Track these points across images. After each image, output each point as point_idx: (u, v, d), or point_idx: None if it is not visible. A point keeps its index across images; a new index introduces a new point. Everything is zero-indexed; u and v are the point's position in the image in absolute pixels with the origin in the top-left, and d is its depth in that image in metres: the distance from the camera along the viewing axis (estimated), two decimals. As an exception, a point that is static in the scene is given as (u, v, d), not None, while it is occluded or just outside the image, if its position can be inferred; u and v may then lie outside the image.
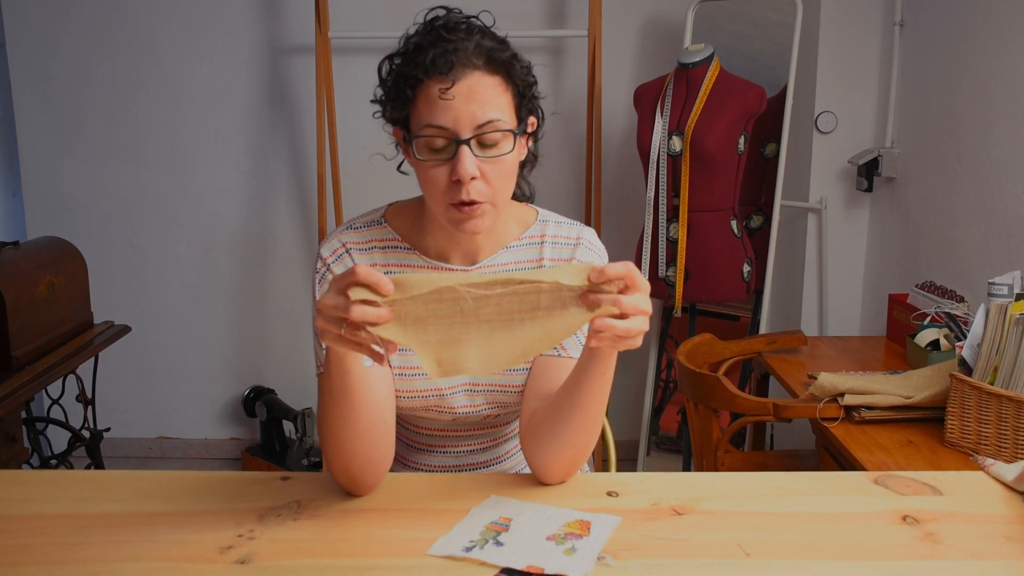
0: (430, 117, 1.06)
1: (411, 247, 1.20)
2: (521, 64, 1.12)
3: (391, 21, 3.03)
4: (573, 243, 1.23)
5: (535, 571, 0.93)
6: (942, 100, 2.47)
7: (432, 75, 1.05)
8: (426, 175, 1.09)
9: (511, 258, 1.22)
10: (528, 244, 1.22)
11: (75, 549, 0.98)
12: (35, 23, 3.13)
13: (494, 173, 1.08)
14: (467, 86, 1.05)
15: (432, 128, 1.06)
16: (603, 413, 1.13)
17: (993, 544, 1.00)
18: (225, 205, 3.26)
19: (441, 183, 1.07)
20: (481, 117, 1.05)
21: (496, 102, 1.07)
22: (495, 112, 1.06)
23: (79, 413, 2.59)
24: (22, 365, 2.13)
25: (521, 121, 1.12)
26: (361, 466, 1.08)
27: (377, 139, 1.49)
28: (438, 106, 1.05)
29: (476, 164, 1.06)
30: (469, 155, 1.05)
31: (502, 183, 1.09)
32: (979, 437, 1.60)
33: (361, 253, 1.19)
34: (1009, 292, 1.81)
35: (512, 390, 1.23)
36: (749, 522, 1.05)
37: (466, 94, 1.05)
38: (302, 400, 3.26)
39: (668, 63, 2.90)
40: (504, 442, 1.33)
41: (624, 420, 3.26)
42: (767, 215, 2.79)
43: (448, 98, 1.04)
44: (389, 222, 1.22)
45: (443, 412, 1.24)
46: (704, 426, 2.00)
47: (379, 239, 1.20)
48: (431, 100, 1.06)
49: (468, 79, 1.05)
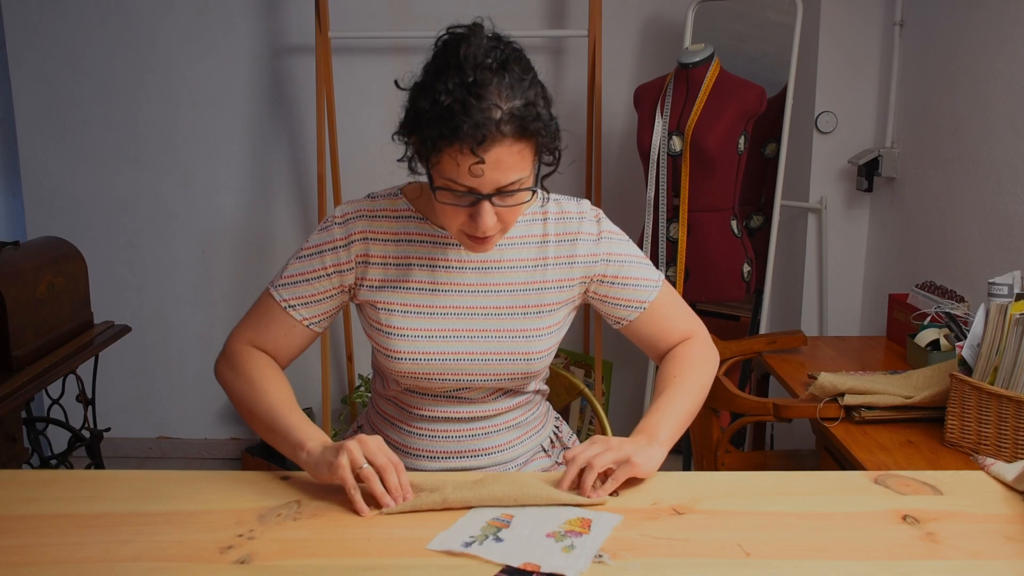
0: (455, 176, 1.10)
1: (423, 217, 1.28)
2: (547, 125, 1.14)
3: (391, 21, 3.03)
4: (576, 217, 1.30)
5: (531, 568, 0.93)
6: (942, 100, 2.47)
7: (463, 146, 1.07)
8: (443, 209, 1.15)
9: (516, 232, 1.29)
10: (531, 220, 1.30)
11: (75, 549, 0.98)
12: (35, 23, 3.13)
13: (508, 213, 1.16)
14: (495, 156, 1.08)
15: (456, 184, 1.11)
16: (698, 398, 1.32)
17: (993, 544, 1.00)
18: (225, 205, 3.26)
19: (459, 218, 1.15)
20: (504, 181, 1.11)
21: (519, 165, 1.11)
22: (517, 174, 1.11)
23: (79, 413, 2.59)
24: (22, 365, 2.13)
25: (538, 168, 1.18)
26: None
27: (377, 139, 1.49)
28: (465, 173, 1.09)
29: (494, 212, 1.13)
30: (489, 210, 1.12)
31: (514, 217, 1.18)
32: (979, 437, 1.60)
33: (376, 219, 1.27)
34: (1009, 292, 1.81)
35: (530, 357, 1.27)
36: (749, 522, 1.05)
37: (493, 163, 1.08)
38: (302, 400, 3.22)
39: (668, 63, 2.90)
40: (506, 429, 1.34)
41: (624, 420, 3.26)
42: (767, 215, 2.79)
43: (480, 170, 1.08)
44: (406, 194, 1.30)
45: (447, 379, 1.27)
46: (704, 426, 2.00)
47: (392, 209, 1.28)
48: (459, 166, 1.09)
49: (497, 149, 1.08)
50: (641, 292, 1.32)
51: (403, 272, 1.27)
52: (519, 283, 1.28)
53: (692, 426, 2.08)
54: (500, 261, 1.28)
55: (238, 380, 1.26)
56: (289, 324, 1.28)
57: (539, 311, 1.28)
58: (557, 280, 1.29)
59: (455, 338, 1.25)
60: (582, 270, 1.30)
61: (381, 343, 1.27)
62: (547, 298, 1.28)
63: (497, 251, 1.27)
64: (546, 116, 1.14)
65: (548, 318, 1.29)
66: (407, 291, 1.26)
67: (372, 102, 3.11)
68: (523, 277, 1.28)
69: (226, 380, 1.28)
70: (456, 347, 1.25)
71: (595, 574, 0.93)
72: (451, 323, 1.26)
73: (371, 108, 3.12)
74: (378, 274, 1.27)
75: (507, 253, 1.28)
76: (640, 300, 1.32)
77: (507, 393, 1.32)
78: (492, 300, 1.27)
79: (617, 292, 1.32)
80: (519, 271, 1.28)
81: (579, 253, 1.29)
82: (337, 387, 3.34)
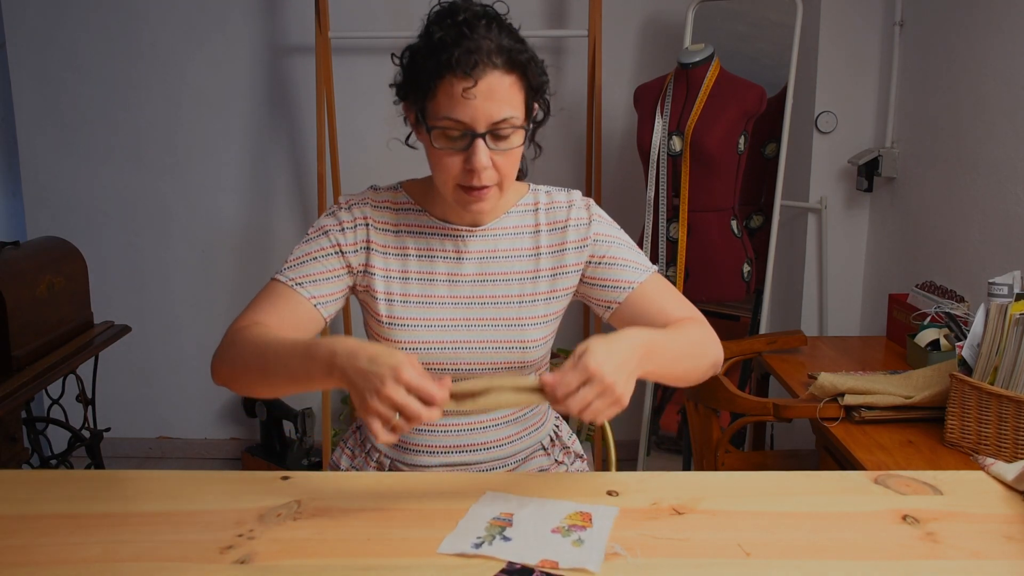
0: (449, 111, 1.14)
1: (422, 209, 1.31)
2: (536, 64, 1.20)
3: (391, 21, 3.03)
4: (566, 206, 1.32)
5: (549, 565, 0.93)
6: (942, 100, 2.47)
7: (455, 73, 1.12)
8: (440, 161, 1.18)
9: (511, 223, 1.31)
10: (524, 211, 1.32)
11: (75, 549, 0.98)
12: (35, 23, 3.13)
13: (503, 161, 1.18)
14: (487, 85, 1.13)
15: (450, 120, 1.14)
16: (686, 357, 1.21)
17: (993, 544, 1.00)
18: (225, 205, 3.26)
19: (454, 169, 1.17)
20: (497, 115, 1.14)
21: (512, 100, 1.15)
22: (510, 110, 1.15)
23: (79, 413, 2.59)
24: (22, 365, 2.13)
25: (530, 114, 1.21)
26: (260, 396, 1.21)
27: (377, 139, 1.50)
28: (458, 103, 1.13)
29: (489, 155, 1.16)
30: (483, 148, 1.15)
31: (509, 169, 1.19)
32: (979, 437, 1.60)
33: (378, 209, 1.30)
34: (1009, 292, 1.81)
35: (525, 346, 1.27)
36: (749, 522, 1.05)
37: (485, 92, 1.13)
38: (302, 400, 3.26)
39: (668, 63, 2.90)
40: (504, 424, 1.34)
41: (624, 420, 3.26)
42: (767, 215, 2.79)
43: (469, 97, 1.12)
44: (405, 188, 1.34)
45: (445, 368, 1.27)
46: (704, 426, 2.00)
47: (393, 201, 1.32)
48: (452, 96, 1.13)
49: (488, 78, 1.13)
50: (630, 273, 1.29)
51: (402, 262, 1.29)
52: (515, 272, 1.30)
53: (692, 426, 2.08)
54: (495, 251, 1.30)
55: (240, 347, 1.16)
56: (296, 301, 1.24)
57: (534, 300, 1.29)
58: (551, 268, 1.30)
59: (453, 327, 1.27)
60: (575, 256, 1.30)
61: (380, 333, 1.28)
62: (541, 287, 1.30)
63: (493, 241, 1.30)
64: (535, 56, 1.19)
65: (543, 307, 1.30)
66: (406, 281, 1.28)
67: (372, 102, 3.11)
68: (519, 266, 1.30)
69: (227, 356, 1.18)
70: (453, 336, 1.27)
71: (614, 568, 0.93)
72: (448, 312, 1.27)
73: (371, 108, 3.12)
74: (379, 262, 1.28)
75: (502, 243, 1.30)
76: (629, 281, 1.29)
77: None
78: (489, 289, 1.29)
79: (605, 272, 1.30)
80: (515, 260, 1.30)
81: (570, 239, 1.30)
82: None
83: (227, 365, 1.18)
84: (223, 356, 1.19)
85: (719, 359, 1.28)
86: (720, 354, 1.29)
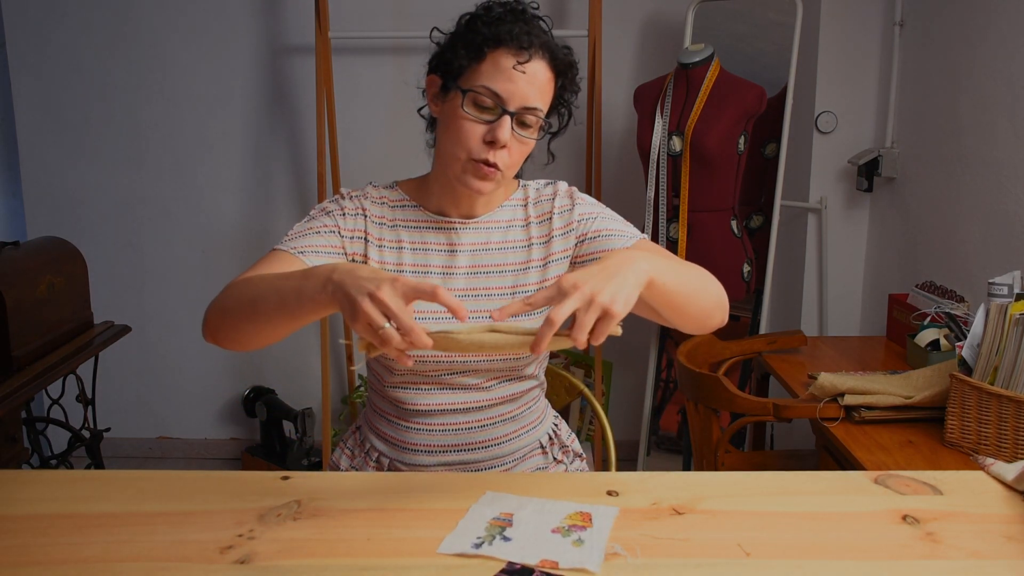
0: (490, 81, 1.18)
1: (417, 204, 1.34)
2: (574, 73, 1.26)
3: (391, 21, 3.03)
4: (551, 197, 1.35)
5: (549, 565, 0.93)
6: (942, 100, 2.47)
7: (510, 46, 1.17)
8: (461, 127, 1.20)
9: (502, 216, 1.34)
10: (515, 205, 1.36)
11: (75, 549, 0.98)
12: (35, 23, 3.13)
13: (517, 148, 1.22)
14: (533, 69, 1.18)
15: (487, 90, 1.18)
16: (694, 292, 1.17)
17: (993, 544, 1.00)
18: (225, 205, 3.26)
19: (474, 138, 1.19)
20: (531, 101, 1.19)
21: (544, 95, 1.21)
22: (541, 102, 1.21)
23: (79, 413, 2.59)
24: (22, 365, 2.13)
25: (549, 117, 1.26)
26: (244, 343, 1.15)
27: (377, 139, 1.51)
28: (502, 75, 1.18)
29: (511, 134, 1.19)
30: (509, 125, 1.19)
31: (517, 159, 1.23)
32: (979, 437, 1.60)
33: (374, 204, 1.33)
34: (1009, 292, 1.81)
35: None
36: (749, 522, 1.05)
37: (529, 76, 1.18)
38: (302, 400, 3.26)
39: (668, 63, 2.90)
40: (502, 423, 1.34)
41: (624, 420, 3.26)
42: (767, 215, 2.79)
43: (520, 71, 1.17)
44: (400, 186, 1.38)
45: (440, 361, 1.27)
46: (704, 426, 2.00)
47: (389, 197, 1.35)
48: (498, 67, 1.18)
49: (535, 64, 1.19)
50: (615, 242, 1.28)
51: (396, 255, 1.30)
52: (508, 264, 1.31)
53: (692, 426, 2.08)
54: (488, 243, 1.32)
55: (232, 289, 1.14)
56: (299, 266, 1.20)
57: (527, 291, 1.30)
58: (541, 259, 1.32)
59: (447, 319, 1.26)
60: (561, 243, 1.32)
61: None
62: (532, 277, 1.31)
63: (485, 233, 1.32)
64: (575, 65, 1.25)
65: None
66: (400, 274, 1.27)
67: (372, 102, 3.11)
68: (511, 258, 1.32)
69: (217, 304, 1.15)
70: (448, 328, 1.25)
71: (614, 568, 0.93)
72: None
73: (371, 108, 3.12)
74: (374, 254, 1.30)
75: (495, 235, 1.32)
76: (617, 250, 1.22)
77: (502, 383, 1.33)
78: (483, 281, 1.30)
79: (592, 247, 1.30)
80: (507, 252, 1.32)
81: (556, 227, 1.32)
82: (337, 387, 3.34)
83: (217, 313, 1.15)
84: (214, 305, 1.16)
85: (724, 300, 1.24)
86: (724, 296, 1.24)
